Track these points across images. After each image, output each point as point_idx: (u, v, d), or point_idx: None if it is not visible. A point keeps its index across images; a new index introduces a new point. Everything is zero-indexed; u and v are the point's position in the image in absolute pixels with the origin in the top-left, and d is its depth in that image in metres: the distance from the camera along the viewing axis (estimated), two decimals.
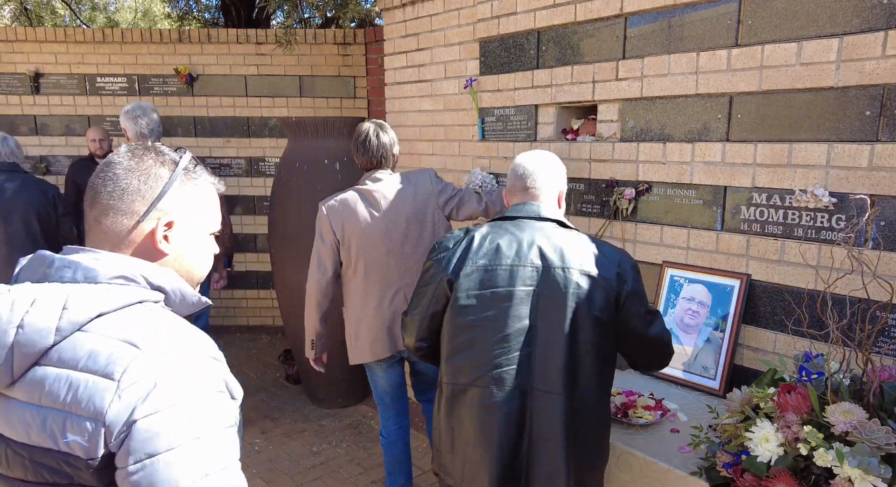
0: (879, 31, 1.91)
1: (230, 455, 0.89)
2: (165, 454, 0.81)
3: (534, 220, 1.81)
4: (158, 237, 1.02)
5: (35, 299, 0.88)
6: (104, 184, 1.01)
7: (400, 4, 3.79)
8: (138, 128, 3.45)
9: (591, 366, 1.69)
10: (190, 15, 10.01)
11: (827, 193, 2.03)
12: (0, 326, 0.86)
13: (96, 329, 0.88)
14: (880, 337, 1.95)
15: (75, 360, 0.85)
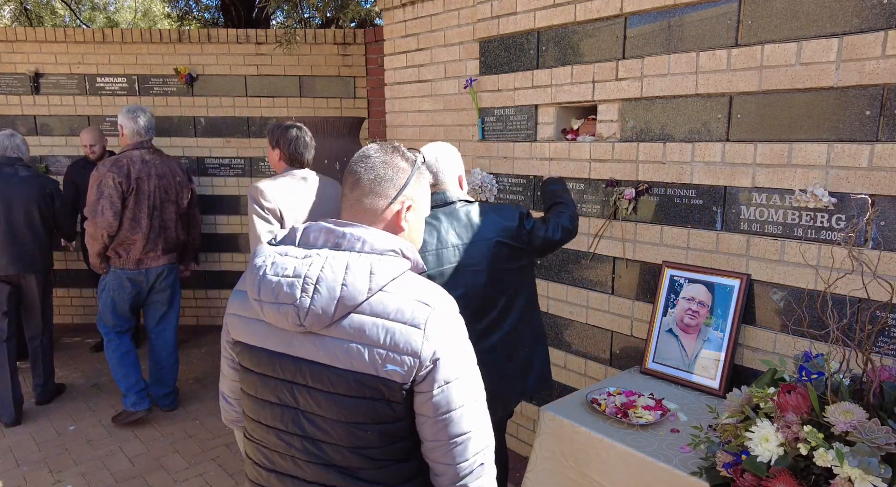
0: (879, 31, 1.91)
1: (482, 387, 1.26)
2: (455, 381, 1.16)
3: (444, 206, 2.16)
4: (402, 217, 1.32)
5: (349, 264, 1.18)
6: (366, 172, 1.31)
7: (400, 4, 3.79)
8: (136, 126, 3.63)
9: (513, 305, 2.20)
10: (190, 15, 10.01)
11: (827, 193, 2.03)
12: (329, 283, 1.15)
13: (393, 290, 1.18)
14: (880, 337, 1.95)
15: (386, 313, 1.16)
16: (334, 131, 3.92)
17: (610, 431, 2.03)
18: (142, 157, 3.67)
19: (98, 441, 3.67)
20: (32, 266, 3.88)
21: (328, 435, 1.19)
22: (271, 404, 1.24)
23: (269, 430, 1.25)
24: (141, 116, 3.66)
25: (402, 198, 1.32)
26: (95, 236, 3.56)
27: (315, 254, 1.20)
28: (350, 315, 1.16)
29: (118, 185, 3.54)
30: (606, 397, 2.20)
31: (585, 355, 2.97)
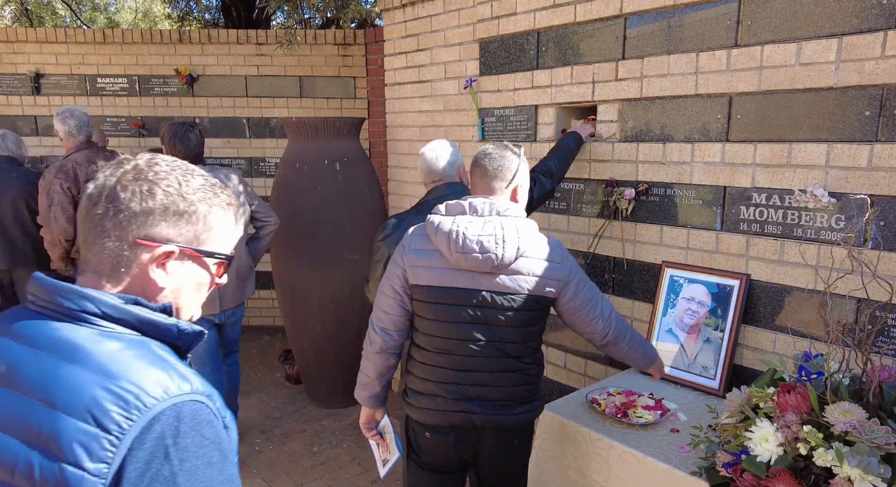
0: (879, 31, 1.91)
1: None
2: (582, 285, 1.91)
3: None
4: (517, 194, 1.95)
5: (517, 226, 1.81)
6: (490, 163, 1.90)
7: (400, 5, 3.80)
8: (67, 128, 3.65)
9: None
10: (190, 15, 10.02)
11: (826, 193, 2.03)
12: (509, 239, 1.78)
13: (536, 240, 1.86)
14: (880, 337, 1.95)
15: (540, 255, 1.84)
16: (334, 132, 3.92)
17: (610, 431, 2.03)
18: (88, 157, 3.64)
19: None
20: (23, 261, 3.93)
21: (509, 336, 1.85)
22: (462, 323, 1.83)
23: (459, 342, 1.85)
24: (69, 118, 3.64)
25: (515, 181, 1.92)
26: (54, 243, 3.59)
27: (488, 220, 1.82)
28: (520, 259, 1.81)
29: (66, 190, 3.53)
30: (606, 397, 2.21)
31: (585, 355, 2.97)
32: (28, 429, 0.74)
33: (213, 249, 0.96)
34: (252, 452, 3.57)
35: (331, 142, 3.91)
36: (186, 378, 0.82)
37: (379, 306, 1.96)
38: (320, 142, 3.89)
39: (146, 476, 0.72)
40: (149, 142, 5.40)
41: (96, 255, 0.89)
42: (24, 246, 3.93)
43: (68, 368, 0.78)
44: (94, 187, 0.91)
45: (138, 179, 0.90)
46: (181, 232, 0.92)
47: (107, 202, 0.89)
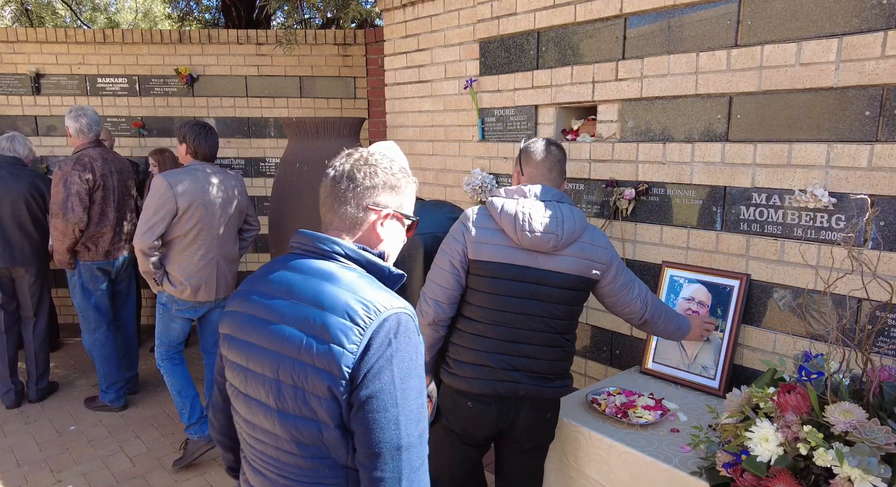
0: (879, 31, 1.91)
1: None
2: (621, 269, 2.10)
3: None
4: (566, 185, 2.20)
5: (572, 211, 2.02)
6: (553, 156, 2.13)
7: (400, 5, 3.80)
8: (79, 125, 3.76)
9: None
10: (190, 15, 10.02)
11: (826, 193, 2.03)
12: (567, 222, 1.98)
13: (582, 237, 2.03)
14: (880, 337, 1.95)
15: (591, 240, 2.03)
16: (334, 132, 3.92)
17: (610, 431, 2.03)
18: (101, 155, 3.81)
19: (99, 441, 3.67)
20: (22, 260, 4.00)
21: (557, 312, 2.01)
22: (517, 297, 1.99)
23: (513, 315, 2.00)
24: (82, 117, 3.77)
25: (565, 173, 2.20)
26: (66, 233, 3.67)
27: (548, 204, 2.00)
28: (574, 242, 2.00)
29: (85, 181, 3.67)
30: (606, 397, 2.21)
31: (585, 355, 2.97)
32: (307, 323, 1.14)
33: (408, 213, 1.35)
34: None
35: (331, 142, 3.90)
36: (400, 299, 1.19)
37: (433, 279, 2.07)
38: (320, 142, 3.89)
39: (377, 354, 1.11)
40: (149, 142, 5.40)
41: (339, 218, 1.29)
42: (22, 246, 3.99)
43: (329, 286, 1.18)
44: (334, 172, 1.32)
45: (366, 165, 1.30)
46: (392, 200, 1.31)
47: (347, 181, 1.28)
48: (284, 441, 1.17)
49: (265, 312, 1.21)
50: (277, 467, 1.20)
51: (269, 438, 1.19)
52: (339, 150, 1.40)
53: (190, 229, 3.19)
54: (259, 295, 1.24)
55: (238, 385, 1.25)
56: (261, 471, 1.24)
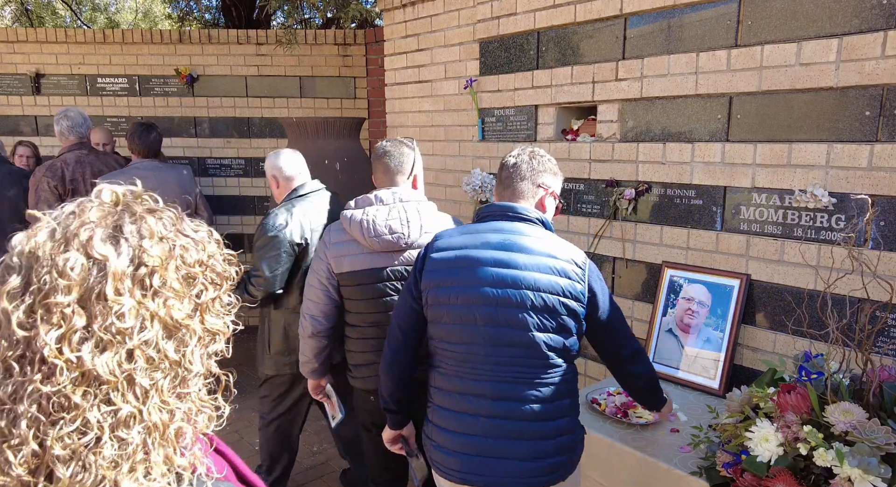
0: (879, 31, 1.91)
1: None
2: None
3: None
4: (417, 182, 2.29)
5: (407, 210, 2.15)
6: (391, 160, 2.21)
7: (400, 5, 3.80)
8: (60, 128, 3.74)
9: None
10: (190, 16, 10.01)
11: (826, 193, 2.03)
12: (403, 222, 2.12)
13: (431, 229, 2.15)
14: (880, 337, 1.95)
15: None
16: (334, 132, 3.92)
17: (610, 431, 2.03)
18: (77, 158, 3.73)
19: None
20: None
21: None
22: (386, 297, 2.14)
23: (385, 314, 2.12)
24: (62, 120, 3.73)
25: (413, 170, 2.27)
26: None
27: (392, 206, 2.15)
28: (425, 235, 2.11)
29: (53, 189, 3.62)
30: (606, 397, 2.21)
31: (585, 355, 2.97)
32: (546, 268, 1.59)
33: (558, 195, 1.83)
34: (252, 452, 3.57)
35: (331, 142, 3.91)
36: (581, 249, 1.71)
37: (308, 297, 2.23)
38: (320, 142, 3.89)
39: (594, 286, 1.65)
40: None
41: (521, 192, 1.73)
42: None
43: (547, 240, 1.65)
44: (513, 159, 1.76)
45: (535, 157, 1.77)
46: (553, 183, 1.78)
47: (526, 165, 1.74)
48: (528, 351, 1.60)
49: (505, 263, 1.60)
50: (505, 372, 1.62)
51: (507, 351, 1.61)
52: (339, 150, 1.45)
53: None
54: (490, 247, 1.63)
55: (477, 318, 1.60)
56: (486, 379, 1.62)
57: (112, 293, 0.65)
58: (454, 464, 1.62)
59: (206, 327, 0.74)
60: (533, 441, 1.58)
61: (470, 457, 1.59)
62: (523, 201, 1.72)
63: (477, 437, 1.59)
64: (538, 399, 1.59)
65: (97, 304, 0.65)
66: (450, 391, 1.65)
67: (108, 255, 0.67)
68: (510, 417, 1.57)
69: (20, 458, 0.62)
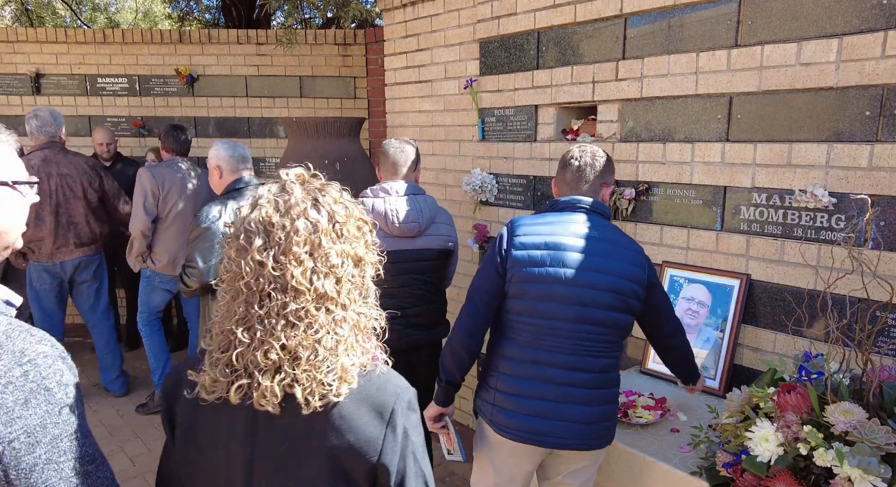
0: (879, 31, 1.91)
1: None
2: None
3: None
4: (419, 176, 2.72)
5: (419, 202, 2.50)
6: (400, 156, 2.55)
7: (400, 5, 3.79)
8: (29, 128, 3.77)
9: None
10: (190, 15, 10.01)
11: (827, 193, 2.03)
12: (417, 212, 2.46)
13: (437, 219, 2.58)
14: (880, 337, 1.95)
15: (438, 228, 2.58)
16: (334, 132, 3.92)
17: None
18: (44, 157, 3.74)
19: (99, 441, 3.67)
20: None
21: (430, 279, 2.57)
22: (397, 275, 2.39)
23: (396, 288, 2.45)
24: (32, 119, 3.75)
25: (418, 166, 2.65)
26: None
27: (408, 198, 2.48)
28: (432, 224, 2.53)
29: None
30: None
31: None
32: (627, 256, 1.82)
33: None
34: None
35: (331, 142, 3.90)
36: None
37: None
38: (320, 142, 3.89)
39: (652, 273, 1.89)
40: (149, 142, 5.40)
41: (592, 188, 1.92)
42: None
43: (619, 231, 1.91)
44: (578, 158, 1.93)
45: (597, 157, 1.94)
46: (611, 179, 1.98)
47: (588, 166, 1.91)
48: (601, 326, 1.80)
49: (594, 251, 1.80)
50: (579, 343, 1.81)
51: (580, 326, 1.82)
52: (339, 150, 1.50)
53: (168, 212, 3.74)
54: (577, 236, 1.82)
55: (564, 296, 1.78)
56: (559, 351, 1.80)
57: (325, 242, 0.98)
58: (525, 427, 1.79)
59: (370, 259, 1.07)
60: (593, 406, 1.79)
61: (542, 420, 1.78)
62: (594, 195, 1.93)
63: (549, 402, 1.78)
64: (602, 370, 1.81)
65: (317, 250, 0.98)
66: (524, 360, 1.82)
67: (319, 219, 0.99)
68: (579, 385, 1.78)
69: (273, 353, 0.95)
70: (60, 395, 0.92)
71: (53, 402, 0.91)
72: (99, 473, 0.96)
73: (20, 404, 0.87)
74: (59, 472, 0.90)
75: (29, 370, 0.89)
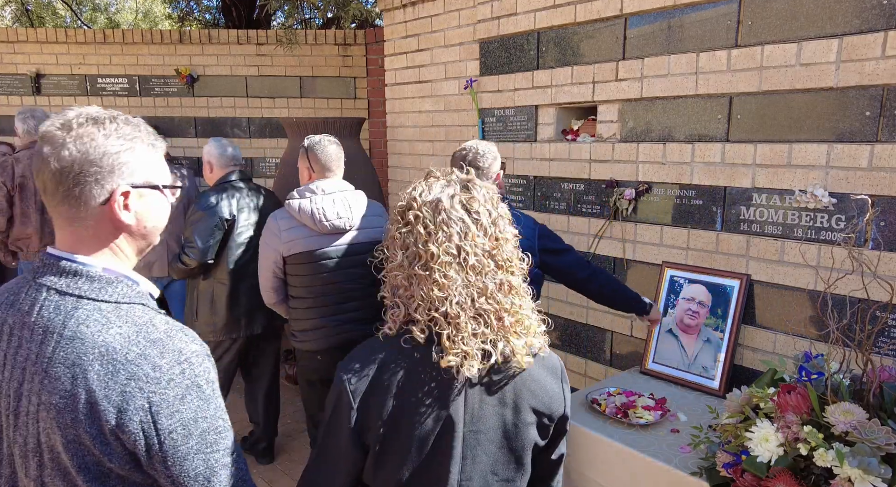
0: (879, 31, 1.91)
1: None
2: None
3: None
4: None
5: (347, 199, 2.59)
6: (330, 154, 2.61)
7: (400, 5, 3.80)
8: (27, 126, 3.81)
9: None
10: (191, 16, 10.01)
11: (827, 193, 2.03)
12: (346, 208, 2.53)
13: (367, 213, 2.67)
14: (880, 337, 1.95)
15: (369, 220, 2.64)
16: (334, 132, 3.91)
17: (610, 431, 2.03)
18: (32, 155, 3.78)
19: None
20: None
21: (361, 270, 2.57)
22: (329, 272, 2.55)
23: (331, 285, 2.55)
24: (30, 118, 3.82)
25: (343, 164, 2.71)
26: None
27: (335, 196, 2.54)
28: (363, 218, 2.58)
29: (2, 185, 3.72)
30: (606, 397, 2.21)
31: (585, 355, 2.97)
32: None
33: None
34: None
35: None
36: None
37: (261, 277, 2.64)
38: None
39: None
40: None
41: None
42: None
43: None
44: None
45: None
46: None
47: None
48: None
49: None
50: None
51: None
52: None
53: None
54: None
55: None
56: None
57: (472, 228, 1.14)
58: None
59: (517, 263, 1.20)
60: None
61: None
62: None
63: None
64: None
65: (464, 230, 1.13)
66: None
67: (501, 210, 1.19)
68: None
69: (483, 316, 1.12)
70: (209, 391, 1.00)
71: (203, 398, 0.99)
72: (236, 465, 1.04)
73: (178, 399, 0.96)
74: (205, 462, 0.99)
75: (185, 369, 0.97)
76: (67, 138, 0.97)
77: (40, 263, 1.01)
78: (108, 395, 0.92)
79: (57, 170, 0.97)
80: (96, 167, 0.97)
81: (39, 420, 0.94)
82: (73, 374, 0.92)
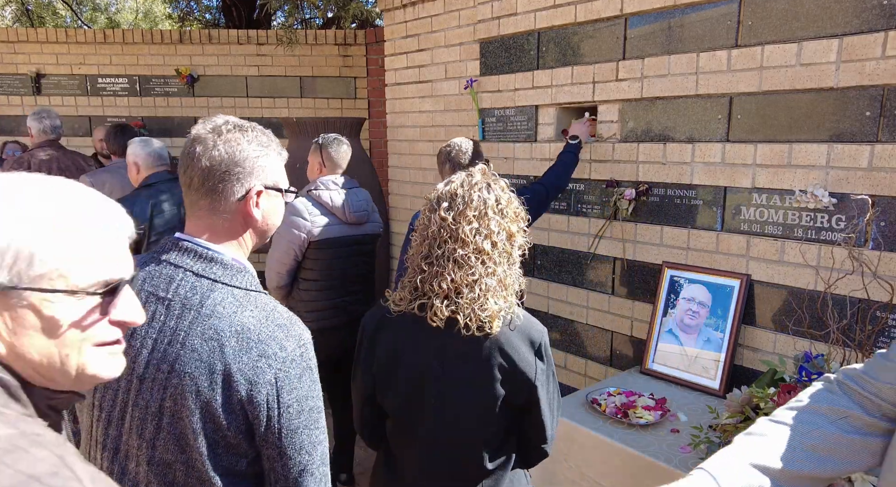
0: (879, 31, 1.91)
1: None
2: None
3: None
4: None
5: (360, 193, 2.97)
6: (345, 153, 2.95)
7: (401, 5, 3.80)
8: (42, 126, 3.85)
9: None
10: (191, 16, 10.01)
11: (827, 193, 2.03)
12: (363, 201, 2.94)
13: (375, 208, 3.10)
14: (880, 337, 1.95)
15: (376, 217, 3.06)
16: (335, 132, 3.92)
17: (610, 431, 2.03)
18: (50, 156, 3.85)
19: None
20: None
21: (369, 257, 3.02)
22: (346, 257, 2.90)
23: (341, 269, 2.86)
24: (46, 118, 3.86)
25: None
26: None
27: (351, 191, 2.89)
28: (374, 212, 2.98)
29: None
30: (606, 397, 2.21)
31: (585, 355, 2.97)
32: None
33: None
34: None
35: None
36: None
37: (277, 258, 2.80)
38: None
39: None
40: None
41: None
42: None
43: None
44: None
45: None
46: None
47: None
48: None
49: None
50: None
51: None
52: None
53: None
54: None
55: None
56: None
57: (490, 213, 1.37)
58: None
59: (520, 239, 1.41)
60: None
61: None
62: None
63: None
64: None
65: (483, 218, 1.36)
66: None
67: (488, 197, 1.38)
68: None
69: (444, 283, 1.34)
70: (315, 375, 1.13)
71: (313, 379, 1.12)
72: (325, 444, 1.17)
73: (297, 378, 1.08)
74: (309, 436, 1.11)
75: (304, 352, 1.11)
76: (218, 141, 1.10)
77: (170, 244, 1.13)
78: (242, 368, 1.03)
79: (207, 168, 1.10)
80: (239, 168, 1.11)
81: (168, 387, 1.03)
82: (211, 347, 1.03)
